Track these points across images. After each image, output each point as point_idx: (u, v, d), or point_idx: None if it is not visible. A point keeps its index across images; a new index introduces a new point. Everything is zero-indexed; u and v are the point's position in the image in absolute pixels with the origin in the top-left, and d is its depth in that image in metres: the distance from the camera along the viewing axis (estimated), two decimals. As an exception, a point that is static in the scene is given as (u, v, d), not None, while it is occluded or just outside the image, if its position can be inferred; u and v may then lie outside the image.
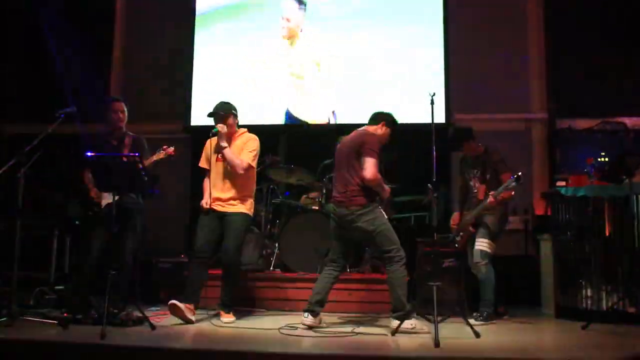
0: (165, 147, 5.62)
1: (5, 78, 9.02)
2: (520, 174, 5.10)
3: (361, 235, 4.99)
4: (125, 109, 5.68)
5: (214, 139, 5.44)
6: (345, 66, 8.29)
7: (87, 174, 5.54)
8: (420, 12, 8.33)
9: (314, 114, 8.33)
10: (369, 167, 4.82)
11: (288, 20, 8.53)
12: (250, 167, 5.40)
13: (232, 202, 5.39)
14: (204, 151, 5.59)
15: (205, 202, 5.41)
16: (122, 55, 9.10)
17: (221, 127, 5.34)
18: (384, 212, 4.97)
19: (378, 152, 4.91)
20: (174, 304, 5.08)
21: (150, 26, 9.02)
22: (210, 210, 5.37)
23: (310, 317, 4.98)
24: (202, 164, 5.58)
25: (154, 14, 9.06)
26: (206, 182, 5.52)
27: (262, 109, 8.23)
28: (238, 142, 5.50)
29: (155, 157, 5.56)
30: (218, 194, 5.40)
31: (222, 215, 5.37)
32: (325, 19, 8.46)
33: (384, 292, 5.19)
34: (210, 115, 5.41)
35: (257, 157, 5.55)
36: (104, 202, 5.48)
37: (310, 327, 4.93)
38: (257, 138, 5.55)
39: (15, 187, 5.10)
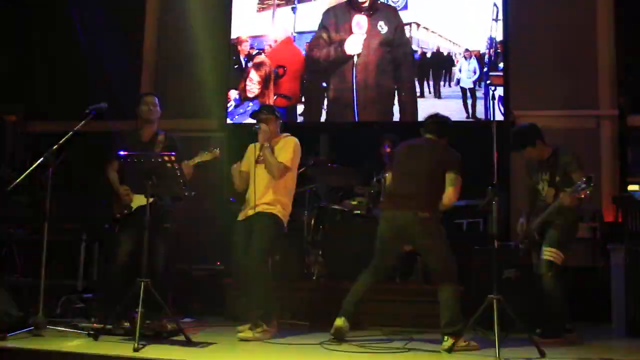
0: (212, 148, 5.49)
1: (31, 74, 9.20)
2: (591, 175, 4.94)
3: (420, 245, 4.96)
4: (158, 104, 5.66)
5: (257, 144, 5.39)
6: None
7: (112, 173, 5.53)
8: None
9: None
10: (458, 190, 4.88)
11: None
12: (286, 168, 5.30)
13: (265, 205, 5.27)
14: (245, 155, 5.55)
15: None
16: (154, 50, 9.16)
17: (264, 126, 5.28)
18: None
19: None
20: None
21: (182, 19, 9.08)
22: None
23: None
24: (244, 167, 5.53)
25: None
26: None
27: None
28: (279, 144, 5.41)
29: (198, 159, 5.40)
30: (257, 201, 5.28)
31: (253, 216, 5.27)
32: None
33: (434, 305, 5.03)
34: (252, 115, 5.36)
35: (297, 159, 5.46)
36: (134, 204, 5.45)
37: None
38: (297, 141, 5.44)
39: (42, 189, 5.14)
